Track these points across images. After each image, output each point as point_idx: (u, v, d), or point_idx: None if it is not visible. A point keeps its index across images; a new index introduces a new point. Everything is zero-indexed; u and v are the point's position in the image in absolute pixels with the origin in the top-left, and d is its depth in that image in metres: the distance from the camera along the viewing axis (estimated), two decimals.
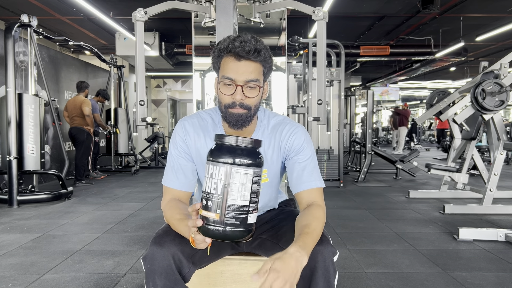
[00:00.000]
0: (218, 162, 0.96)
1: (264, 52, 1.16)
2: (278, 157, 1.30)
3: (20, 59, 5.03)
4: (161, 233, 1.16)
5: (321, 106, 2.69)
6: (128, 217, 3.71)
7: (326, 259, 1.09)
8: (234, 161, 0.95)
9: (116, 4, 6.71)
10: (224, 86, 1.17)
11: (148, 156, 9.41)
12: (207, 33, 3.36)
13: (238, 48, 1.12)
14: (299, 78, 6.85)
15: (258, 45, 1.14)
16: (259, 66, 1.17)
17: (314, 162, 1.28)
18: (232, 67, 1.15)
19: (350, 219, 3.65)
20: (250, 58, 1.14)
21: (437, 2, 6.20)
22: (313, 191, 1.24)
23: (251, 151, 0.98)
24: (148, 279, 1.10)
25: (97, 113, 6.57)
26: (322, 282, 1.07)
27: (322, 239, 1.13)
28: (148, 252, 1.11)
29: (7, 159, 4.25)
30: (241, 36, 1.15)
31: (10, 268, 2.38)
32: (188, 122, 1.30)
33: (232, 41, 1.14)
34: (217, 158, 0.97)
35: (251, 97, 1.18)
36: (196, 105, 3.66)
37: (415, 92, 20.24)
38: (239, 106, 1.17)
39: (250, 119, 1.21)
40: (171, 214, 1.19)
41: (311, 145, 1.30)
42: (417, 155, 5.79)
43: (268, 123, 1.31)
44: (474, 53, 10.50)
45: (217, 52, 1.18)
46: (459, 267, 2.39)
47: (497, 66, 3.77)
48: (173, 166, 1.28)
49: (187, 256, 1.13)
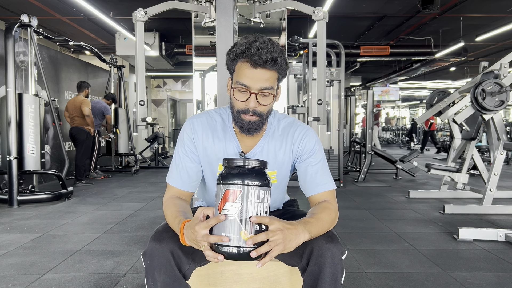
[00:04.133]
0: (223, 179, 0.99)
1: (281, 60, 1.15)
2: (290, 158, 1.31)
3: (20, 59, 5.03)
4: (161, 230, 1.17)
5: (321, 106, 2.69)
6: (128, 217, 3.71)
7: (335, 257, 1.10)
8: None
9: (116, 4, 6.71)
10: (238, 92, 1.17)
11: (148, 156, 9.41)
12: (207, 33, 3.36)
13: (255, 56, 1.11)
14: (299, 78, 6.85)
15: (275, 53, 1.13)
16: (275, 74, 1.17)
17: (325, 164, 1.31)
18: (247, 73, 1.14)
19: (350, 219, 3.65)
20: (267, 67, 1.13)
21: (437, 2, 6.20)
22: (326, 193, 1.28)
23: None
24: (147, 275, 1.10)
25: (109, 115, 6.76)
26: (329, 280, 1.08)
27: (332, 237, 1.14)
28: (147, 248, 1.12)
29: (7, 159, 4.25)
30: (258, 40, 1.13)
31: (10, 268, 2.38)
32: (197, 121, 1.29)
33: (248, 47, 1.12)
34: (222, 180, 1.01)
35: (265, 104, 1.18)
36: (196, 105, 3.66)
37: (415, 92, 20.23)
38: (252, 113, 1.17)
39: (262, 125, 1.22)
40: (167, 211, 1.21)
41: (321, 147, 1.32)
42: (417, 155, 5.78)
43: (278, 124, 1.31)
44: (474, 53, 10.50)
45: (233, 55, 1.17)
46: (459, 267, 2.39)
47: (497, 66, 3.77)
48: (178, 165, 1.28)
49: (187, 253, 1.13)
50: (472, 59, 11.10)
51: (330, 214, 1.20)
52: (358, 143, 7.11)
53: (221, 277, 1.32)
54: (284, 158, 1.30)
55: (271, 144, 1.29)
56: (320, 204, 1.24)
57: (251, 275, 1.33)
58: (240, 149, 1.28)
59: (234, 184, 0.96)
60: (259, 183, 0.97)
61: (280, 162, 1.30)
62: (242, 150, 1.28)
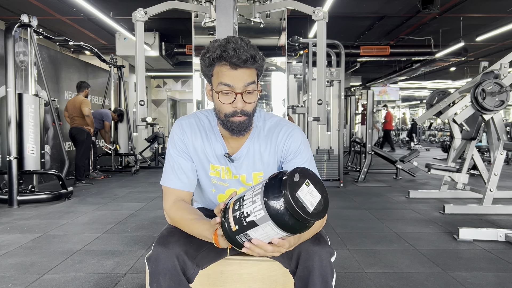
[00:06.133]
0: (264, 204, 0.88)
1: (259, 57, 1.15)
2: (275, 160, 1.29)
3: (20, 59, 5.03)
4: (166, 234, 1.15)
5: (321, 106, 2.69)
6: (128, 217, 3.71)
7: (323, 260, 1.09)
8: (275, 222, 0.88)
9: (116, 4, 6.70)
10: (222, 95, 1.16)
11: (148, 156, 9.41)
12: (207, 33, 3.36)
13: (233, 58, 1.11)
14: (299, 78, 6.86)
15: (251, 51, 1.12)
16: (254, 71, 1.17)
17: (312, 164, 1.27)
18: (229, 75, 1.14)
19: (350, 219, 3.65)
20: (247, 66, 1.13)
21: (437, 2, 6.19)
22: None
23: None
24: (152, 280, 1.09)
25: (109, 122, 6.82)
26: (319, 283, 1.07)
27: (319, 239, 1.13)
28: (152, 253, 1.11)
29: (7, 159, 4.25)
30: (231, 42, 1.12)
31: (10, 268, 2.38)
32: (185, 122, 1.29)
33: (224, 50, 1.11)
34: (266, 200, 0.88)
35: (251, 102, 1.18)
36: (196, 105, 3.66)
37: (415, 92, 20.23)
38: (241, 113, 1.17)
39: (250, 124, 1.22)
40: (181, 215, 1.18)
41: (308, 147, 1.29)
42: (417, 155, 5.78)
43: (264, 125, 1.30)
44: (474, 53, 10.49)
45: (209, 61, 1.15)
46: (459, 267, 2.39)
47: (497, 66, 3.77)
48: (173, 166, 1.26)
49: (192, 257, 1.13)
50: (472, 59, 11.10)
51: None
52: (358, 143, 7.11)
53: (221, 277, 1.32)
54: (269, 159, 1.28)
55: (256, 145, 1.28)
56: None
57: (251, 275, 1.32)
58: (226, 150, 1.27)
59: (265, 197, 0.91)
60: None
61: (266, 163, 1.28)
62: (228, 152, 1.27)
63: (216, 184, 1.32)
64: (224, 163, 1.28)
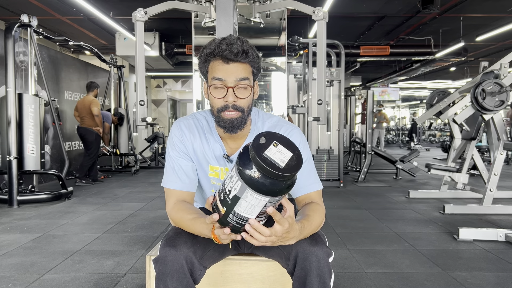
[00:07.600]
0: (238, 173, 0.90)
1: (252, 53, 1.16)
2: None
3: (20, 59, 5.03)
4: (173, 235, 1.15)
5: (321, 106, 2.69)
6: (128, 217, 3.71)
7: (320, 260, 1.09)
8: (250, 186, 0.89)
9: (116, 4, 6.70)
10: (214, 89, 1.16)
11: (148, 156, 9.41)
12: (207, 33, 3.36)
13: (225, 52, 1.12)
14: (299, 78, 6.86)
15: (245, 46, 1.14)
16: (248, 67, 1.17)
17: (311, 164, 1.27)
18: (221, 69, 1.15)
19: (350, 219, 3.65)
20: (239, 60, 1.14)
21: (437, 2, 6.19)
22: (313, 194, 1.25)
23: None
24: (159, 281, 1.08)
25: (109, 124, 6.90)
26: (317, 283, 1.07)
27: (316, 240, 1.13)
28: (160, 254, 1.10)
29: (7, 159, 4.25)
30: (227, 38, 1.14)
31: (10, 268, 2.38)
32: (184, 123, 1.29)
33: (218, 45, 1.13)
34: (240, 168, 0.90)
35: (243, 97, 1.17)
36: (196, 105, 3.66)
37: (415, 92, 20.23)
38: (232, 108, 1.16)
39: (244, 122, 1.21)
40: (181, 216, 1.18)
41: (307, 147, 1.29)
42: (417, 155, 5.78)
43: (263, 125, 1.30)
44: (474, 53, 10.49)
45: (204, 57, 1.18)
46: (459, 267, 2.39)
47: (497, 66, 3.77)
48: (173, 167, 1.26)
49: (199, 258, 1.13)
50: (472, 59, 11.10)
51: (320, 216, 1.19)
52: (358, 143, 7.11)
53: (221, 277, 1.32)
54: None
55: None
56: (310, 206, 1.21)
57: (251, 275, 1.33)
58: (224, 151, 1.27)
59: (236, 168, 0.93)
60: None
61: None
62: (226, 153, 1.27)
63: (215, 185, 1.32)
64: (223, 164, 1.28)
